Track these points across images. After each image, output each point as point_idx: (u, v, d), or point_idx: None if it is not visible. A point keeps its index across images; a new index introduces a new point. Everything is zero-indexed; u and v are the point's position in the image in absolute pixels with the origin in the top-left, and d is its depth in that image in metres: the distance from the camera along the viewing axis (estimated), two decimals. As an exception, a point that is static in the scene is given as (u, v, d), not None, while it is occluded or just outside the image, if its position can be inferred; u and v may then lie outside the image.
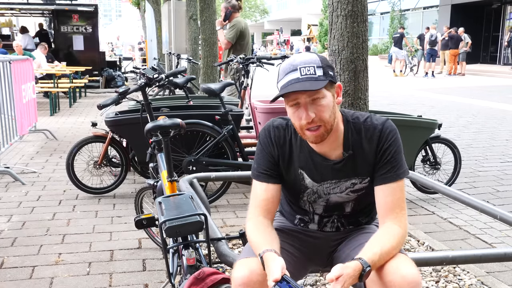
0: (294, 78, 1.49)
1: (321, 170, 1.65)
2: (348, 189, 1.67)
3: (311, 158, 1.65)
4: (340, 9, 3.14)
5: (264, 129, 1.70)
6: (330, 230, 1.76)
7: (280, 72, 1.55)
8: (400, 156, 1.60)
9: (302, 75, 1.48)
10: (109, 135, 4.08)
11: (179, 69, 5.30)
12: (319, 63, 1.51)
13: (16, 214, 3.74)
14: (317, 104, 1.50)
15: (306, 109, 1.50)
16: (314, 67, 1.50)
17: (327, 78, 1.50)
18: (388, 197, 1.57)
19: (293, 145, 1.67)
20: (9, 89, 5.20)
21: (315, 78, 1.48)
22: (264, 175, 1.65)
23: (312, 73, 1.49)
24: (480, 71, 19.19)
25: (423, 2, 25.45)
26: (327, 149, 1.62)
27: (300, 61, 1.51)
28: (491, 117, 8.68)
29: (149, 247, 3.11)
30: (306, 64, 1.50)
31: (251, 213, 1.63)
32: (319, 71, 1.50)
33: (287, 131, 1.67)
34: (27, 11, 14.90)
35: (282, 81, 1.53)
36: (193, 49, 9.00)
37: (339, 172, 1.64)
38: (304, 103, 1.50)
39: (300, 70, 1.49)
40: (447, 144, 4.25)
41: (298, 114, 1.52)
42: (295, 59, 1.53)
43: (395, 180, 1.57)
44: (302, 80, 1.48)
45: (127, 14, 40.11)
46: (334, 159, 1.63)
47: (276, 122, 1.70)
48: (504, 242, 3.31)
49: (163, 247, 1.83)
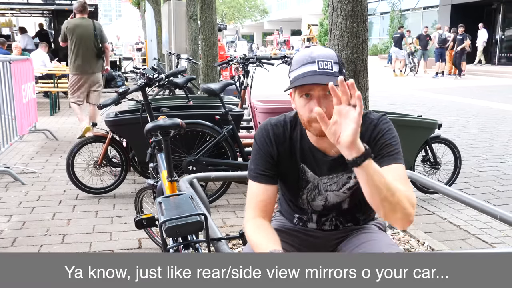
0: (311, 70, 1.49)
1: (321, 165, 1.65)
2: (344, 186, 1.67)
3: (312, 153, 1.65)
4: (340, 9, 3.14)
5: (261, 128, 1.69)
6: (329, 228, 1.77)
7: (294, 62, 1.54)
8: (397, 146, 1.56)
9: (320, 68, 1.48)
10: (109, 135, 4.08)
11: (179, 69, 5.30)
12: (336, 59, 1.52)
13: (16, 214, 3.74)
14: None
15: (319, 102, 1.48)
16: (332, 63, 1.50)
17: (341, 75, 1.50)
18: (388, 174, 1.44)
19: (293, 140, 1.66)
20: (9, 89, 5.20)
21: (331, 74, 1.48)
22: (262, 176, 1.64)
23: (329, 68, 1.49)
24: (480, 71, 19.19)
25: (423, 2, 25.45)
26: (326, 145, 1.62)
27: (318, 54, 1.51)
28: (491, 117, 8.68)
29: (149, 247, 3.11)
30: (324, 58, 1.50)
31: (249, 214, 1.62)
32: (335, 67, 1.50)
33: (286, 128, 1.67)
34: (27, 11, 14.89)
35: (297, 72, 1.52)
36: (193, 49, 9.00)
37: (336, 167, 1.65)
38: (318, 96, 1.49)
39: (318, 63, 1.49)
40: (447, 144, 4.25)
41: (309, 106, 1.51)
42: (313, 51, 1.52)
43: (394, 162, 1.53)
44: (319, 74, 1.48)
45: (127, 14, 40.12)
46: (333, 155, 1.63)
47: (274, 120, 1.69)
48: (504, 242, 3.31)
49: (163, 247, 1.83)
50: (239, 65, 5.13)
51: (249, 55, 5.26)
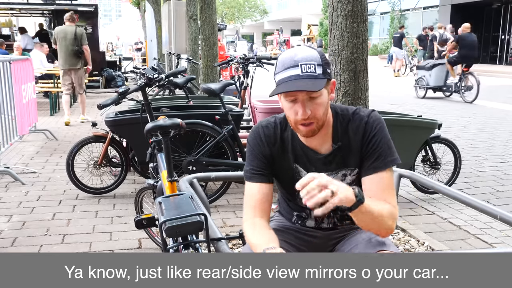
0: (294, 74, 1.48)
1: (314, 163, 1.66)
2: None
3: (304, 152, 1.66)
4: (340, 9, 3.14)
5: (253, 130, 1.71)
6: (328, 227, 1.77)
7: (279, 64, 1.54)
8: (388, 145, 1.59)
9: (303, 72, 1.48)
10: (109, 135, 4.08)
11: (179, 69, 5.31)
12: (320, 60, 1.51)
13: (16, 214, 3.74)
14: (314, 102, 1.51)
15: (303, 105, 1.50)
16: (315, 65, 1.49)
17: (325, 76, 1.50)
18: (377, 185, 1.57)
19: (285, 141, 1.67)
20: (9, 89, 5.20)
21: (315, 77, 1.48)
22: (257, 175, 1.65)
23: (313, 71, 1.48)
24: (480, 71, 19.17)
25: (423, 2, 25.46)
26: (317, 143, 1.63)
27: (301, 57, 1.50)
28: (491, 117, 8.68)
29: (149, 247, 3.11)
30: (307, 61, 1.49)
31: (247, 214, 1.63)
32: (319, 69, 1.49)
33: (276, 129, 1.68)
34: (27, 11, 14.89)
35: (281, 75, 1.52)
36: (193, 49, 9.00)
37: (329, 164, 1.65)
38: (302, 100, 1.50)
39: (301, 67, 1.48)
40: (447, 144, 4.25)
41: (294, 109, 1.53)
42: (297, 53, 1.51)
43: (383, 168, 1.57)
44: (302, 78, 1.48)
45: (127, 14, 40.13)
46: (324, 152, 1.64)
47: (264, 122, 1.71)
48: (504, 242, 3.31)
49: (163, 247, 1.83)
50: (239, 65, 5.13)
51: (249, 55, 5.26)
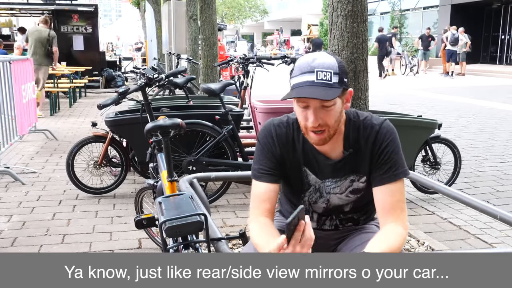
0: (309, 80, 1.46)
1: (323, 168, 1.65)
2: (347, 190, 1.67)
3: (314, 156, 1.64)
4: (340, 9, 3.14)
5: (264, 128, 1.68)
6: (329, 228, 1.77)
7: (296, 68, 1.51)
8: (398, 156, 1.58)
9: (318, 79, 1.45)
10: (109, 135, 4.09)
11: (179, 69, 5.31)
12: (337, 69, 1.47)
13: (16, 214, 3.74)
14: (326, 110, 1.48)
15: (315, 113, 1.48)
16: (331, 73, 1.46)
17: (341, 86, 1.47)
18: (388, 198, 1.56)
19: (296, 142, 1.65)
20: (9, 89, 5.20)
21: (329, 85, 1.45)
22: (266, 175, 1.63)
23: (328, 79, 1.45)
24: (480, 71, 19.19)
25: (423, 2, 25.43)
26: (328, 148, 1.62)
27: (318, 63, 1.47)
28: (491, 117, 8.68)
29: (149, 247, 3.11)
30: (323, 69, 1.46)
31: (253, 214, 1.62)
32: (335, 78, 1.46)
33: (288, 129, 1.65)
34: (27, 11, 14.88)
35: (296, 79, 1.49)
36: (193, 49, 9.00)
37: (339, 170, 1.64)
38: (314, 108, 1.48)
39: (317, 73, 1.45)
40: (447, 144, 4.25)
41: (306, 115, 1.51)
42: (315, 59, 1.48)
43: (394, 180, 1.56)
44: (316, 85, 1.45)
45: (127, 14, 40.09)
46: (335, 158, 1.63)
47: (276, 121, 1.68)
48: (504, 242, 3.31)
49: (163, 247, 1.83)
50: (239, 65, 5.12)
51: (249, 55, 5.26)
